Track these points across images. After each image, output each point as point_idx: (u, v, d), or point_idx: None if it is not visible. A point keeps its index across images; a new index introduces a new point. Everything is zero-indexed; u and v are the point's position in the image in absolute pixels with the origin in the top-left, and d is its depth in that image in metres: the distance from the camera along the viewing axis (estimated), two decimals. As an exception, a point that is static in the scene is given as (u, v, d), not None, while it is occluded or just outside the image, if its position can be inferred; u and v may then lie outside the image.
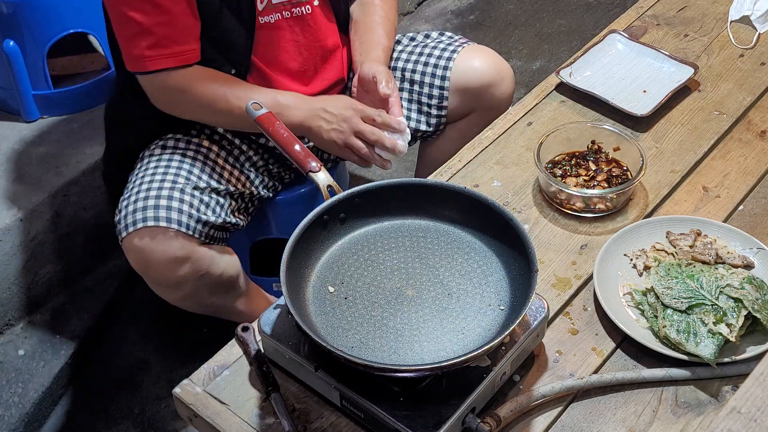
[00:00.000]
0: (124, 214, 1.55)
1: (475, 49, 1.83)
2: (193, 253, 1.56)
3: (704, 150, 1.57)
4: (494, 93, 1.80)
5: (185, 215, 1.54)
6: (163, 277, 1.58)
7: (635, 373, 1.19)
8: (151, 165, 1.63)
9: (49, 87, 2.16)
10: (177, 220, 1.53)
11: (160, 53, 1.53)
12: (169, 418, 1.91)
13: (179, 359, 2.02)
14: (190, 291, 1.61)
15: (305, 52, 1.70)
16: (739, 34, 1.84)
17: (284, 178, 1.82)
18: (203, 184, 1.61)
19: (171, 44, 1.53)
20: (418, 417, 1.05)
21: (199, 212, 1.57)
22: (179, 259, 1.55)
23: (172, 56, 1.54)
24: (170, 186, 1.57)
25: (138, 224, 1.53)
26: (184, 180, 1.59)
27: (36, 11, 2.06)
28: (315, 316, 1.14)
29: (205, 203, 1.59)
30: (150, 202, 1.54)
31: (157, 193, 1.55)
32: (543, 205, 1.47)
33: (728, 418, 0.83)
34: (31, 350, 2.00)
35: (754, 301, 1.21)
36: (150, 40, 1.52)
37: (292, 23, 1.66)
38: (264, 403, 1.16)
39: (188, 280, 1.59)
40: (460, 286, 1.17)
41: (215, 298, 1.68)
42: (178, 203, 1.55)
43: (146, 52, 1.53)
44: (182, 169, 1.61)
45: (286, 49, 1.67)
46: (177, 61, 1.55)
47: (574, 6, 3.21)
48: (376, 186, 1.24)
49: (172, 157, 1.64)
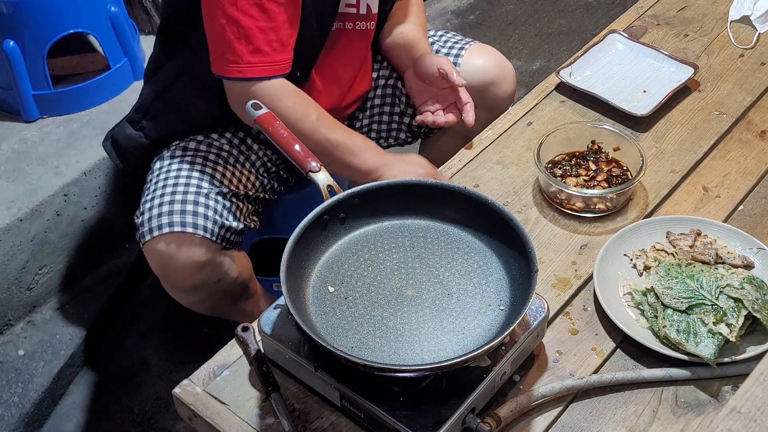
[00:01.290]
0: (148, 218, 1.55)
1: (479, 47, 1.84)
2: (214, 259, 1.56)
3: (704, 150, 1.57)
4: (496, 91, 1.80)
5: (210, 221, 1.54)
6: (183, 282, 1.58)
7: (635, 373, 1.19)
8: (173, 167, 1.62)
9: (49, 87, 2.16)
10: (203, 226, 1.53)
11: (262, 61, 1.49)
12: (169, 418, 1.91)
13: (179, 359, 2.02)
14: (206, 295, 1.62)
15: (357, 65, 1.72)
16: (739, 34, 1.84)
17: (289, 182, 1.83)
18: (225, 189, 1.61)
19: (272, 53, 1.49)
20: (418, 417, 1.05)
21: (222, 218, 1.57)
22: (201, 264, 1.55)
23: (272, 65, 1.50)
24: (195, 191, 1.56)
25: (164, 229, 1.52)
26: (208, 185, 1.59)
27: (36, 11, 2.05)
28: (315, 316, 1.14)
29: (227, 208, 1.59)
30: (176, 206, 1.54)
31: (182, 198, 1.55)
32: (543, 205, 1.47)
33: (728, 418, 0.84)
34: (31, 350, 2.00)
35: (754, 301, 1.21)
36: (252, 45, 1.47)
37: (353, 36, 1.66)
38: (264, 403, 1.16)
39: (206, 285, 1.59)
40: (460, 286, 1.17)
41: (229, 300, 1.68)
42: (203, 209, 1.55)
43: (247, 58, 1.48)
44: (205, 173, 1.61)
45: (340, 59, 1.68)
46: (274, 70, 1.51)
47: (574, 6, 3.21)
48: (376, 186, 1.24)
49: (194, 160, 1.63)
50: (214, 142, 1.68)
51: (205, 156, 1.64)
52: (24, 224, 1.96)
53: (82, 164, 2.07)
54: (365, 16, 1.65)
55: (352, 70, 1.72)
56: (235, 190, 1.63)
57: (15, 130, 2.16)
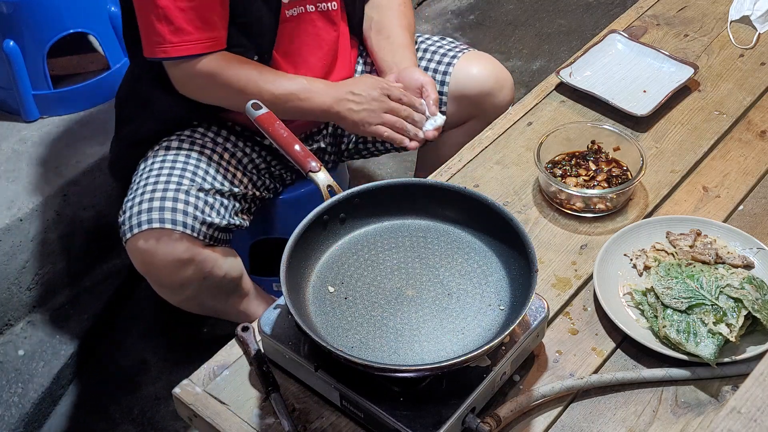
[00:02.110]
0: (129, 216, 1.55)
1: (475, 56, 1.81)
2: (197, 255, 1.56)
3: (704, 150, 1.57)
4: (493, 101, 1.79)
5: (190, 217, 1.54)
6: (167, 279, 1.58)
7: (635, 373, 1.19)
8: (155, 166, 1.63)
9: (49, 87, 2.16)
10: (182, 222, 1.53)
11: (184, 40, 1.52)
12: (169, 418, 1.91)
13: (179, 359, 2.02)
14: (193, 293, 1.61)
15: (325, 48, 1.71)
16: (739, 34, 1.84)
17: (286, 179, 1.82)
18: (207, 185, 1.60)
19: (195, 31, 1.52)
20: (418, 417, 1.05)
21: (203, 214, 1.56)
22: (183, 261, 1.55)
23: (196, 43, 1.53)
24: (175, 188, 1.56)
25: (143, 226, 1.53)
26: (188, 181, 1.59)
27: (36, 11, 2.06)
28: (315, 316, 1.14)
29: (209, 205, 1.59)
30: (155, 203, 1.54)
31: (162, 195, 1.55)
32: (543, 205, 1.47)
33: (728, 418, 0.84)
34: (31, 350, 2.00)
35: (754, 301, 1.21)
36: (173, 25, 1.50)
37: (315, 17, 1.66)
38: (264, 403, 1.16)
39: (192, 282, 1.59)
40: (460, 286, 1.17)
41: (218, 299, 1.68)
42: (183, 205, 1.55)
43: (169, 38, 1.51)
44: (186, 170, 1.61)
45: (306, 42, 1.68)
46: (201, 48, 1.54)
47: (574, 6, 3.21)
48: (376, 186, 1.24)
49: (176, 158, 1.63)
50: (197, 140, 1.68)
51: (188, 154, 1.65)
52: (24, 224, 1.96)
53: (82, 164, 2.07)
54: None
55: (320, 53, 1.70)
56: (219, 187, 1.62)
57: (15, 130, 2.16)
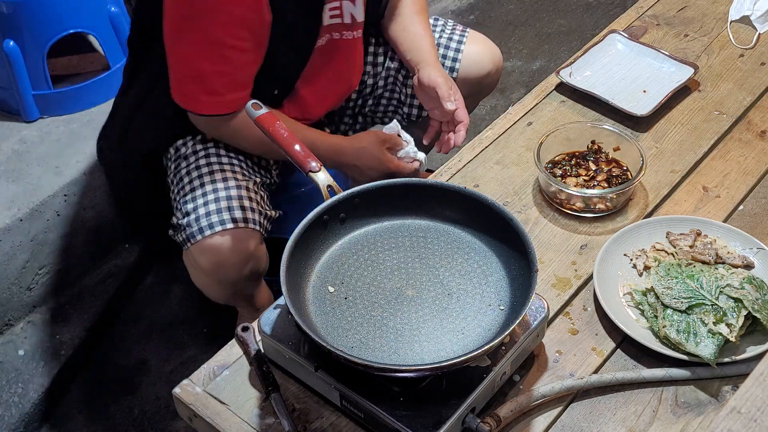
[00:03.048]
0: (195, 218, 1.54)
1: (473, 38, 1.88)
2: (258, 250, 1.59)
3: (704, 150, 1.57)
4: (488, 81, 1.90)
5: (257, 213, 1.57)
6: (234, 275, 1.59)
7: (635, 373, 1.19)
8: (201, 162, 1.62)
9: (49, 87, 2.16)
10: (252, 219, 1.56)
11: (216, 100, 1.53)
12: (169, 418, 1.91)
13: (179, 359, 2.02)
14: (242, 286, 1.64)
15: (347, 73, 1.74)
16: (739, 34, 1.84)
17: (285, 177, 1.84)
18: (259, 179, 1.63)
19: (227, 93, 1.53)
20: (418, 417, 1.05)
21: (263, 208, 1.60)
22: (249, 256, 1.57)
23: (227, 104, 1.55)
24: (236, 185, 1.58)
25: (215, 227, 1.53)
26: (241, 177, 1.60)
27: (36, 11, 2.06)
28: (315, 316, 1.14)
29: (263, 198, 1.62)
30: (221, 204, 1.55)
31: (227, 194, 1.56)
32: (543, 205, 1.47)
33: (728, 418, 0.83)
34: (31, 350, 2.00)
35: (754, 301, 1.21)
36: (208, 87, 1.51)
37: (341, 45, 1.67)
38: (264, 403, 1.16)
39: (246, 276, 1.60)
40: (460, 286, 1.17)
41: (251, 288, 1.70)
42: (248, 202, 1.57)
43: (202, 97, 1.53)
44: (234, 165, 1.62)
45: (330, 71, 1.69)
46: (231, 108, 1.55)
47: (574, 6, 3.21)
48: (376, 186, 1.24)
49: (218, 157, 1.63)
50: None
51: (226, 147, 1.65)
52: (24, 224, 1.96)
53: (82, 164, 2.07)
54: (350, 25, 1.66)
55: (343, 80, 1.74)
56: (260, 180, 1.65)
57: (15, 130, 2.16)
